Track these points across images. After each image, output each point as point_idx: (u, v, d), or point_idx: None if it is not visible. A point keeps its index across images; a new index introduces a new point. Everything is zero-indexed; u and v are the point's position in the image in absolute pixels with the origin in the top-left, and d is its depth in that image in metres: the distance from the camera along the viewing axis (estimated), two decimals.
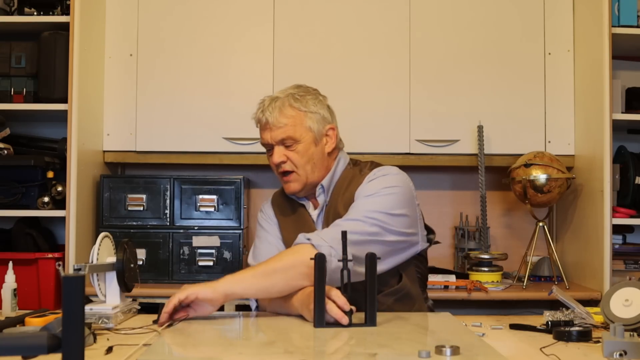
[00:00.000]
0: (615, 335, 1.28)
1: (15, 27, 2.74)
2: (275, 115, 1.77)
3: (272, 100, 1.80)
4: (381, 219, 1.66)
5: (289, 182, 1.81)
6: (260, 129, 1.83)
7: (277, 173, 1.83)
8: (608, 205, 2.51)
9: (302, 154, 1.79)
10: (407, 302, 1.76)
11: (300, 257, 1.57)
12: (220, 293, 1.56)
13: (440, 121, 2.83)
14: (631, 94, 2.89)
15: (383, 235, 1.66)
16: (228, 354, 1.29)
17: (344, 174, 1.85)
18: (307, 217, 1.85)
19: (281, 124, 1.77)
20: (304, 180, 1.80)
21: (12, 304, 1.86)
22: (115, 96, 2.85)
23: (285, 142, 1.78)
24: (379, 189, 1.71)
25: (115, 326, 1.62)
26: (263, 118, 1.79)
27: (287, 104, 1.79)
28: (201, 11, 2.85)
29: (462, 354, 1.18)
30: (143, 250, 2.68)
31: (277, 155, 1.79)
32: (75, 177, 2.55)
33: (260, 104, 1.83)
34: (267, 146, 1.83)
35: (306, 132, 1.79)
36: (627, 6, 2.64)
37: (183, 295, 1.54)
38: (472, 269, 2.74)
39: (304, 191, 1.83)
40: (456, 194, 3.09)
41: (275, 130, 1.78)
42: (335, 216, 1.74)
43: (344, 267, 1.49)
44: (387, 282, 1.73)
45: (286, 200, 1.91)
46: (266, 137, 1.81)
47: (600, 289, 2.51)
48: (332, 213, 1.78)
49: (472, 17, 2.86)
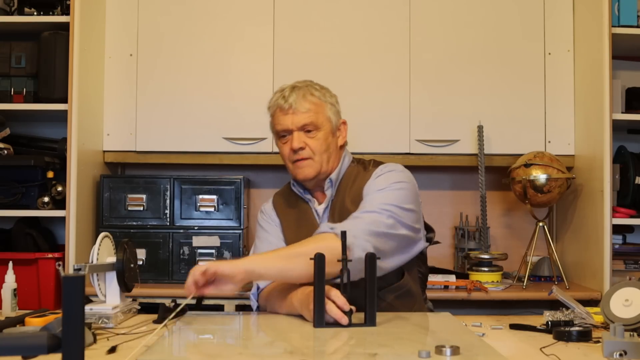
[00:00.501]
0: (615, 335, 1.28)
1: (15, 27, 2.74)
2: (300, 101, 1.79)
3: (293, 88, 1.83)
4: (395, 211, 1.68)
5: (303, 167, 1.81)
6: (280, 115, 1.82)
7: (290, 161, 1.83)
8: (608, 205, 2.51)
9: (321, 142, 1.81)
10: (408, 300, 1.77)
11: (323, 245, 1.56)
12: (240, 270, 1.54)
13: (440, 121, 2.83)
14: (631, 94, 2.89)
15: (397, 229, 1.68)
16: (228, 353, 1.29)
17: (349, 170, 1.87)
18: (311, 214, 1.85)
19: (305, 109, 1.79)
20: (319, 168, 1.81)
21: (12, 304, 1.86)
22: (115, 96, 2.85)
23: (307, 128, 1.80)
24: (389, 183, 1.74)
25: (115, 326, 1.62)
26: (286, 104, 1.80)
27: (309, 93, 1.82)
28: (201, 11, 2.85)
29: (462, 354, 1.18)
30: (143, 250, 2.68)
31: (297, 140, 1.79)
32: (75, 177, 2.55)
33: (280, 92, 1.84)
34: (284, 132, 1.82)
35: (326, 121, 1.83)
36: (627, 6, 2.64)
37: (203, 268, 1.53)
38: (472, 269, 2.74)
39: (314, 181, 1.83)
40: (456, 194, 3.09)
41: (299, 115, 1.79)
42: (342, 211, 1.76)
43: (344, 267, 1.49)
44: (389, 279, 1.74)
45: (289, 198, 1.92)
46: (286, 123, 1.80)
47: (600, 289, 2.51)
48: (339, 208, 1.79)
49: (472, 17, 2.86)
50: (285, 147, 1.82)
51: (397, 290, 1.75)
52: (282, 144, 1.84)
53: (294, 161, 1.81)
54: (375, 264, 1.50)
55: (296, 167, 1.82)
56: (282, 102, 1.80)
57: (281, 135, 1.83)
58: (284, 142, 1.83)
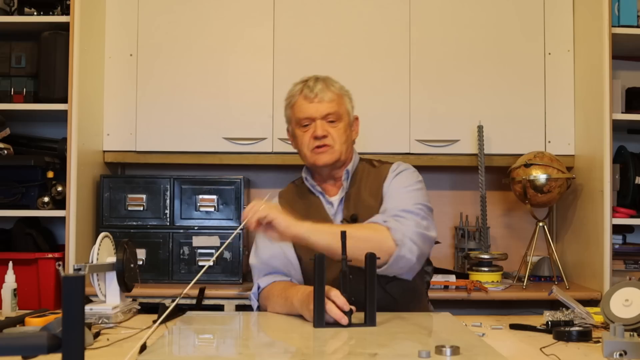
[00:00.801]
0: (615, 335, 1.28)
1: (15, 27, 2.74)
2: (325, 90, 1.85)
3: (317, 79, 1.87)
4: (427, 212, 1.76)
5: (324, 152, 1.84)
6: (304, 103, 1.85)
7: (310, 149, 1.85)
8: (608, 205, 2.51)
9: (342, 132, 1.86)
10: (413, 297, 1.81)
11: (376, 236, 1.64)
12: (293, 233, 1.59)
13: (440, 121, 2.83)
14: (631, 94, 2.89)
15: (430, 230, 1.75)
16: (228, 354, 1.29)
17: (360, 164, 1.93)
18: (321, 206, 1.88)
19: (329, 98, 1.84)
20: (338, 156, 1.85)
21: (12, 304, 1.86)
22: (115, 96, 2.85)
23: (329, 118, 1.84)
24: (412, 182, 1.83)
25: (115, 326, 1.62)
26: (311, 93, 1.84)
27: (331, 84, 1.88)
28: (201, 11, 2.85)
29: (462, 354, 1.18)
30: (143, 250, 2.67)
31: (320, 128, 1.83)
32: (75, 177, 2.55)
33: (302, 82, 1.89)
34: (307, 120, 1.85)
35: (345, 113, 1.89)
36: (627, 6, 2.64)
37: (263, 213, 1.56)
38: (472, 269, 2.74)
39: (329, 167, 1.86)
40: (456, 194, 3.09)
41: (324, 104, 1.84)
42: (358, 202, 1.82)
43: (344, 267, 1.50)
44: None
45: (297, 194, 1.95)
46: (310, 111, 1.84)
47: (600, 289, 2.51)
48: (354, 199, 1.84)
49: (472, 17, 2.86)
50: (306, 135, 1.85)
51: (403, 285, 1.77)
52: (302, 132, 1.87)
53: (315, 148, 1.84)
54: (375, 264, 1.50)
55: (316, 153, 1.85)
56: (308, 91, 1.85)
57: (303, 125, 1.86)
58: (304, 131, 1.86)
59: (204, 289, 2.51)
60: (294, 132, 1.91)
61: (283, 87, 2.09)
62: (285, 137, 2.05)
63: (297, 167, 2.86)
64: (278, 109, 2.77)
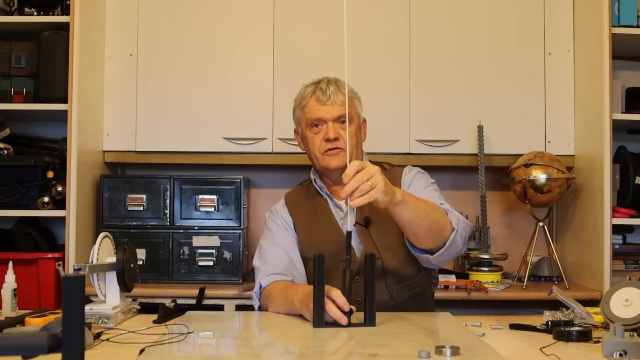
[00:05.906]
0: (615, 335, 1.28)
1: (15, 27, 2.74)
2: (337, 93, 1.84)
3: (329, 81, 1.87)
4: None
5: (336, 155, 1.83)
6: (316, 105, 1.85)
7: (321, 151, 1.84)
8: (608, 205, 2.51)
9: (353, 134, 1.85)
10: (421, 301, 1.80)
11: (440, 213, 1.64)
12: (385, 201, 1.51)
13: (440, 121, 2.83)
14: (631, 94, 2.89)
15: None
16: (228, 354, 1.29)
17: None
18: (328, 209, 1.88)
19: (341, 101, 1.84)
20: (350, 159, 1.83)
21: (12, 304, 1.86)
22: (115, 96, 2.85)
23: (342, 119, 1.84)
24: (430, 182, 1.86)
25: (115, 326, 1.62)
26: (324, 95, 1.84)
27: (342, 86, 1.87)
28: (201, 11, 2.85)
29: (462, 354, 1.18)
30: (143, 250, 2.67)
31: (332, 130, 1.82)
32: (75, 177, 2.55)
33: (314, 84, 1.88)
34: (318, 122, 1.84)
35: (356, 116, 1.89)
36: (627, 6, 2.64)
37: (367, 177, 1.47)
38: (472, 269, 2.74)
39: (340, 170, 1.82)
40: (456, 194, 3.09)
41: (336, 107, 1.83)
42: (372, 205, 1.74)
43: (346, 267, 1.50)
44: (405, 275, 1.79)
45: (304, 195, 1.94)
46: (322, 113, 1.84)
47: (600, 289, 2.51)
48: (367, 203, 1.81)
49: (472, 17, 2.86)
50: (317, 137, 1.85)
51: (412, 288, 1.77)
52: (312, 134, 1.86)
53: (326, 150, 1.83)
54: (374, 264, 1.50)
55: (328, 155, 1.84)
56: (320, 93, 1.84)
57: (313, 126, 1.85)
58: (315, 133, 1.85)
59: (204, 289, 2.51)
60: (303, 134, 1.90)
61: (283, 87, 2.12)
62: (285, 137, 2.05)
63: (297, 167, 2.88)
64: (278, 109, 2.78)
